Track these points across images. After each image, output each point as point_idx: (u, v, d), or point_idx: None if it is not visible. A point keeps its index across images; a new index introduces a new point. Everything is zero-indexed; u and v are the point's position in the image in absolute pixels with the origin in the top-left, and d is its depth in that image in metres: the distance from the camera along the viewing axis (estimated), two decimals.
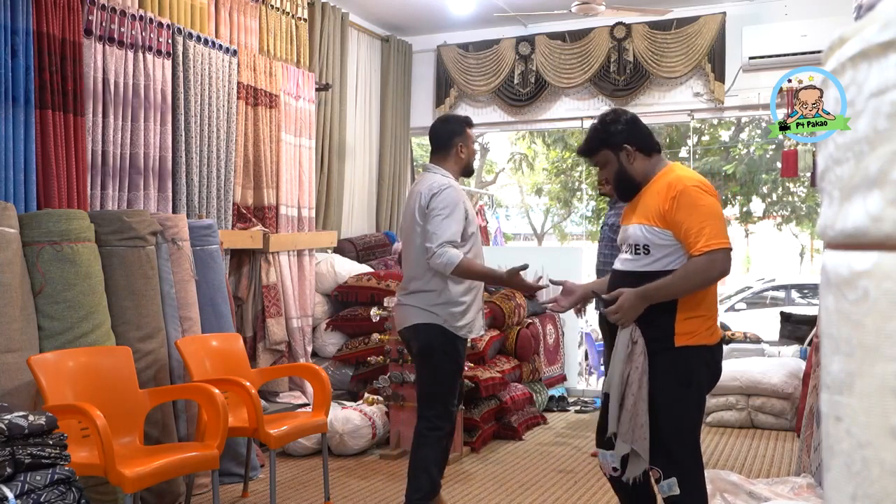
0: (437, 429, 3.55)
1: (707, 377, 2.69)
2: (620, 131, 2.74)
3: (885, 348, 0.63)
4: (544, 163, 19.95)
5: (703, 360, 2.65)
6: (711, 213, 2.53)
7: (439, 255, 3.34)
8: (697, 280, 2.54)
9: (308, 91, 5.99)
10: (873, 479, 0.64)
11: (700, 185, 2.59)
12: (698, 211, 2.53)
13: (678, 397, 2.64)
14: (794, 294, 13.48)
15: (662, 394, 2.61)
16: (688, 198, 2.55)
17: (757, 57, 6.54)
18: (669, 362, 2.62)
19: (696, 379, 2.65)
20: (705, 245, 2.50)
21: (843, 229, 0.69)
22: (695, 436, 2.71)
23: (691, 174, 2.70)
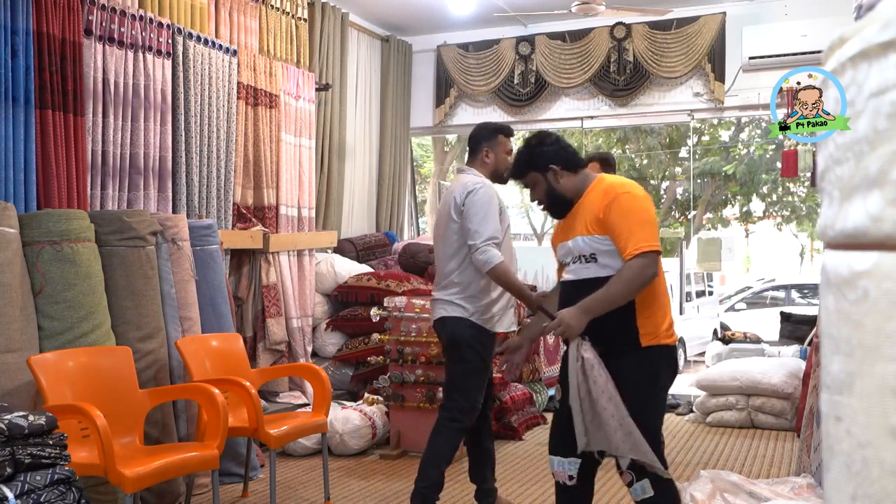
0: (456, 421, 3.61)
1: (670, 377, 2.77)
2: (545, 153, 2.87)
3: (885, 348, 0.63)
4: None
5: (667, 360, 2.72)
6: (641, 218, 2.62)
7: (482, 251, 3.45)
8: (630, 285, 2.61)
9: (308, 91, 5.99)
10: (873, 479, 0.64)
11: (631, 192, 2.68)
12: (628, 217, 2.62)
13: (646, 398, 2.68)
14: (794, 294, 13.49)
15: (632, 394, 2.62)
16: (619, 204, 2.65)
17: (757, 57, 6.54)
18: (636, 363, 2.67)
19: (662, 379, 2.74)
20: (634, 249, 2.58)
21: (843, 229, 0.69)
22: (659, 436, 2.78)
23: (622, 181, 2.81)
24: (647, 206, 2.68)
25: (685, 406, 6.44)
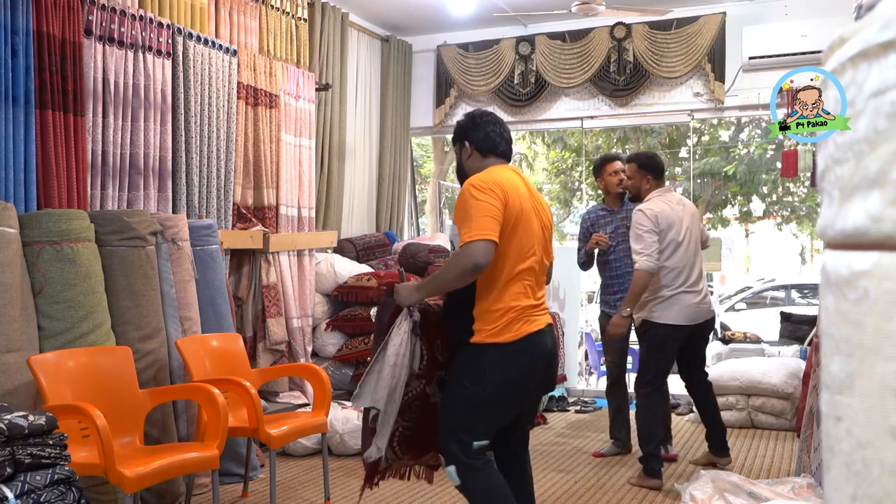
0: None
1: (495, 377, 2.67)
2: (463, 128, 2.93)
3: (885, 348, 0.63)
4: (544, 163, 19.95)
5: (494, 358, 2.66)
6: (477, 210, 2.59)
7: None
8: (452, 272, 2.61)
9: (308, 91, 5.99)
10: (873, 479, 0.64)
11: (475, 185, 2.65)
12: (466, 210, 2.62)
13: (453, 392, 2.73)
14: (794, 294, 13.48)
15: (448, 385, 2.74)
16: (461, 198, 2.67)
17: (757, 57, 6.54)
18: (458, 356, 2.76)
19: (475, 378, 2.69)
20: (463, 239, 2.58)
21: (843, 229, 0.69)
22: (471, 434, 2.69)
23: (480, 175, 2.74)
24: (487, 199, 2.60)
25: (685, 406, 6.43)
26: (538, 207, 2.81)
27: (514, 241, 2.66)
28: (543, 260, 2.80)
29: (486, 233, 2.55)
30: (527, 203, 2.72)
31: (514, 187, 2.70)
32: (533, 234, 2.72)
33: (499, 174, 2.75)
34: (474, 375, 2.70)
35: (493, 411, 2.73)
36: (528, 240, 2.70)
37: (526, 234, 2.69)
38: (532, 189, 2.85)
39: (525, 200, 2.72)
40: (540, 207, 2.83)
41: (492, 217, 2.58)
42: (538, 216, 2.78)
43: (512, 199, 2.65)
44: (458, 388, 2.73)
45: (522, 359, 2.68)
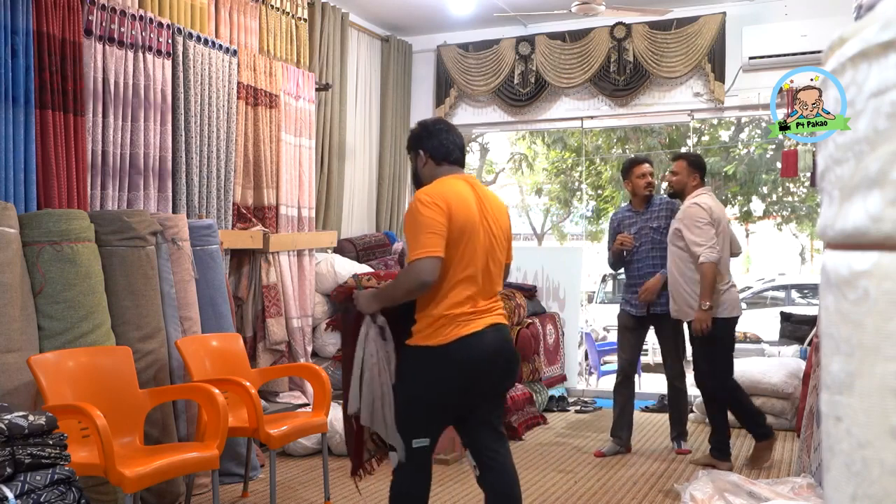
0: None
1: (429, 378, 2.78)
2: (417, 137, 3.01)
3: (885, 348, 0.63)
4: (544, 163, 19.95)
5: (424, 361, 2.77)
6: (423, 226, 2.70)
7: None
8: (400, 288, 2.77)
9: (308, 91, 5.99)
10: (873, 479, 0.64)
11: (422, 201, 2.75)
12: (413, 226, 2.74)
13: (398, 391, 2.84)
14: (795, 294, 13.48)
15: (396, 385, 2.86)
16: (409, 212, 2.78)
17: (757, 57, 6.54)
18: (402, 358, 2.87)
19: (412, 380, 2.81)
20: (410, 256, 2.72)
21: (843, 229, 0.69)
22: (407, 433, 2.81)
23: (428, 189, 2.84)
24: (431, 213, 2.71)
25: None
26: (489, 215, 2.88)
27: (456, 252, 2.76)
28: (489, 266, 2.86)
29: (431, 250, 2.67)
30: (473, 213, 2.80)
31: (459, 198, 2.79)
32: (477, 243, 2.80)
33: (447, 185, 2.85)
34: (405, 377, 2.84)
35: (425, 412, 2.83)
36: (471, 250, 2.78)
37: (469, 245, 2.77)
38: (485, 196, 2.92)
39: (472, 210, 2.80)
40: (492, 214, 2.89)
41: (435, 233, 2.70)
42: (487, 224, 2.85)
43: (456, 211, 2.75)
44: (398, 389, 2.86)
45: (453, 361, 2.75)
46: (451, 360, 2.75)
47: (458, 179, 2.90)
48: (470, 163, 20.81)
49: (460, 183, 2.88)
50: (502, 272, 2.96)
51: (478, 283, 2.81)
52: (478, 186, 2.92)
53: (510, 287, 6.68)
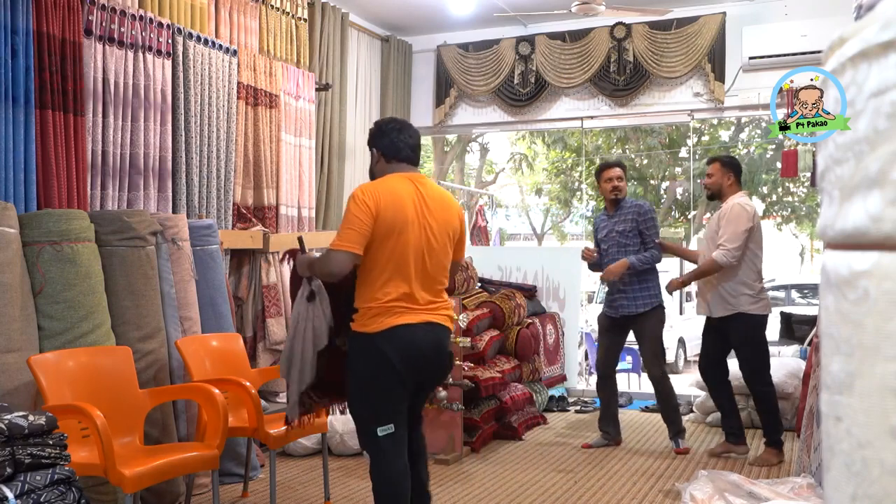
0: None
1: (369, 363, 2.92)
2: (372, 136, 3.15)
3: (885, 348, 0.63)
4: (544, 163, 19.96)
5: (362, 347, 2.94)
6: (348, 221, 2.92)
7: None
8: (318, 268, 3.05)
9: (308, 91, 5.99)
10: (873, 479, 0.64)
11: (355, 197, 2.94)
12: (343, 217, 2.98)
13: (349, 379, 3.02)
14: (795, 294, 13.47)
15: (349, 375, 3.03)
16: (346, 204, 2.99)
17: (757, 57, 6.54)
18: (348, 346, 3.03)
19: (354, 364, 2.97)
20: (331, 244, 2.96)
21: (843, 229, 0.69)
22: (364, 420, 2.97)
23: (366, 185, 3.02)
24: (356, 208, 2.90)
25: (685, 406, 6.43)
26: (430, 213, 2.99)
27: (386, 247, 2.91)
28: (426, 263, 2.97)
29: (347, 245, 2.89)
30: (407, 211, 2.93)
31: (393, 197, 2.93)
32: (409, 240, 2.92)
33: (386, 184, 3.00)
34: (350, 364, 3.01)
35: (373, 398, 2.95)
36: (402, 245, 2.92)
37: (400, 241, 2.91)
38: (429, 195, 3.02)
39: (406, 209, 2.93)
40: (434, 213, 3.00)
41: (357, 231, 2.89)
42: (426, 222, 2.97)
43: (385, 209, 2.90)
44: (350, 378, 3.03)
45: (385, 349, 2.89)
46: (383, 347, 2.90)
47: (403, 178, 3.03)
48: (470, 163, 20.82)
49: (403, 181, 3.00)
50: (445, 270, 3.07)
51: (411, 278, 2.94)
52: (424, 185, 3.03)
53: (510, 287, 6.69)
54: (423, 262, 2.96)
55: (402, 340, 2.90)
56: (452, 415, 4.99)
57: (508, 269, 7.34)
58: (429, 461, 4.82)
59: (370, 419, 2.94)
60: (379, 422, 2.92)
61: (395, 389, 2.94)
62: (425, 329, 2.95)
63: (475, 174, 20.74)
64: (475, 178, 20.52)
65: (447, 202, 3.09)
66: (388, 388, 2.94)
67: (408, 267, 2.92)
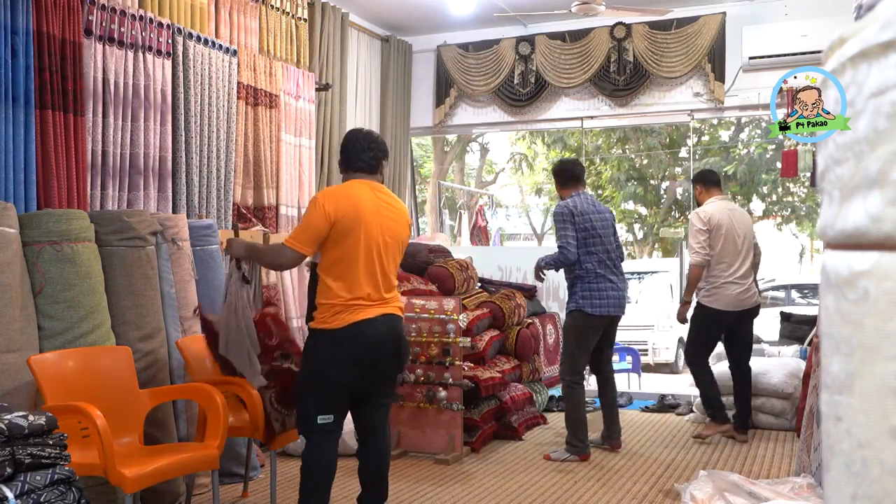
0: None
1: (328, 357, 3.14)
2: (342, 148, 3.42)
3: (885, 348, 0.63)
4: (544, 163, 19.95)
5: (324, 341, 3.14)
6: (306, 220, 3.19)
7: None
8: (267, 257, 3.47)
9: (308, 91, 5.99)
10: (873, 479, 0.64)
11: (317, 198, 3.19)
12: (303, 216, 3.27)
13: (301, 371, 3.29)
14: (795, 294, 13.47)
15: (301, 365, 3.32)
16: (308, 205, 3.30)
17: (757, 57, 6.54)
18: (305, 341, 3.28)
19: (312, 357, 3.19)
20: (286, 238, 3.22)
21: (843, 229, 0.69)
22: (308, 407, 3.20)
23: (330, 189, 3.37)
24: (314, 211, 3.16)
25: (685, 406, 6.43)
26: (386, 219, 3.25)
27: (342, 248, 3.14)
28: (383, 262, 3.22)
29: (300, 245, 3.15)
30: (365, 215, 3.17)
31: (351, 201, 3.18)
32: (364, 241, 3.16)
33: (346, 189, 3.27)
34: (306, 356, 3.25)
35: (324, 389, 3.18)
36: (356, 246, 3.15)
37: (356, 242, 3.15)
38: (385, 203, 3.28)
39: (363, 213, 3.17)
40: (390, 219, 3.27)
41: (312, 234, 3.15)
42: (384, 225, 3.23)
43: (343, 213, 3.14)
44: (301, 369, 3.31)
45: (346, 342, 3.12)
46: (346, 342, 3.12)
47: (363, 184, 3.28)
48: (470, 163, 20.82)
49: (363, 187, 3.26)
50: (396, 268, 3.36)
51: (369, 276, 3.17)
52: (381, 193, 3.30)
53: (510, 287, 6.69)
54: (381, 261, 3.22)
55: (363, 334, 3.14)
56: (452, 415, 4.99)
57: (508, 269, 7.34)
58: (426, 462, 4.82)
59: (314, 407, 3.19)
60: (322, 410, 3.18)
61: (345, 383, 3.18)
62: (383, 321, 3.20)
63: (475, 174, 20.75)
64: (475, 178, 20.52)
65: (400, 210, 3.37)
66: (340, 381, 3.17)
67: (366, 266, 3.17)
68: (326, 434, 3.21)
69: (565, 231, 4.92)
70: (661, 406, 6.56)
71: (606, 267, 4.92)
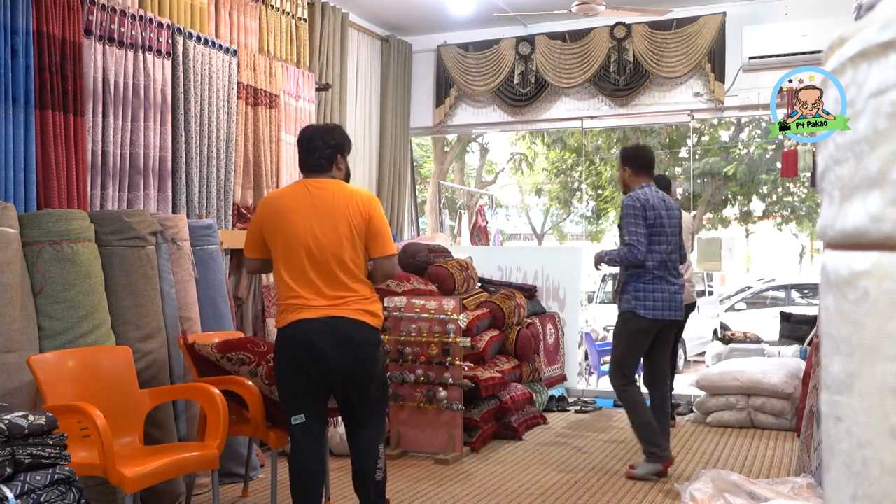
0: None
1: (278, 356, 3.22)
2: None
3: (885, 348, 0.63)
4: (544, 163, 19.96)
5: (277, 341, 3.22)
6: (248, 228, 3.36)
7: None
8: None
9: (308, 91, 5.99)
10: (873, 479, 0.64)
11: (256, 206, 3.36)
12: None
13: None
14: (795, 294, 13.48)
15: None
16: None
17: (757, 57, 6.54)
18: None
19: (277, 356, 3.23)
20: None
21: (843, 229, 0.69)
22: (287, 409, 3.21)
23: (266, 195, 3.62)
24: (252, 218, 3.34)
25: (685, 406, 6.44)
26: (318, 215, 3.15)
27: (278, 249, 3.19)
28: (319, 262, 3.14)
29: (246, 249, 3.35)
30: (294, 215, 3.15)
31: (278, 203, 3.21)
32: (294, 243, 3.14)
33: (278, 192, 3.37)
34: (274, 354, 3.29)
35: (284, 388, 3.23)
36: (291, 246, 3.15)
37: (287, 242, 3.15)
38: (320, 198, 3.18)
39: (292, 214, 3.16)
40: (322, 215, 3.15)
41: (249, 236, 3.32)
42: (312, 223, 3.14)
43: (269, 217, 3.21)
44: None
45: (289, 341, 3.16)
46: (286, 342, 3.16)
47: (297, 184, 3.31)
48: (470, 163, 20.82)
49: (294, 188, 3.28)
50: (346, 266, 3.16)
51: (300, 278, 3.14)
52: (317, 188, 3.20)
53: (510, 287, 6.69)
54: (315, 259, 3.14)
55: (297, 335, 3.13)
56: (452, 415, 4.99)
57: (508, 269, 7.34)
58: (426, 462, 4.82)
59: (285, 408, 3.23)
60: (290, 411, 3.19)
61: (299, 382, 3.17)
62: (322, 323, 3.11)
63: (475, 174, 20.74)
64: (475, 178, 20.52)
65: (338, 202, 3.18)
66: (292, 381, 3.19)
67: (301, 265, 3.14)
68: (302, 434, 3.20)
69: (636, 227, 4.44)
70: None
71: (666, 268, 4.49)
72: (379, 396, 3.30)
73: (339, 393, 3.23)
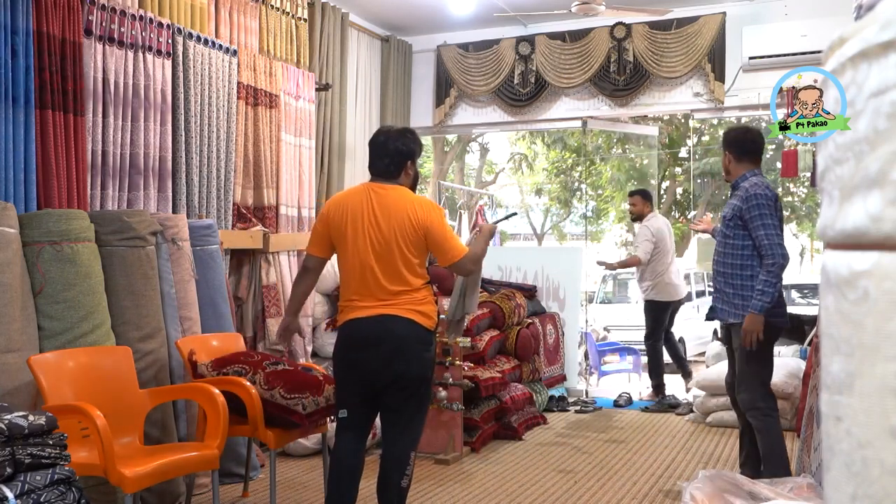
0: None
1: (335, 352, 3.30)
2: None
3: (885, 348, 0.63)
4: (544, 163, 19.96)
5: (337, 338, 3.32)
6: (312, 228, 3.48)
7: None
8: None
9: (308, 91, 5.99)
10: (873, 479, 0.64)
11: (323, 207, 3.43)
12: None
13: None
14: (794, 294, 13.47)
15: None
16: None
17: (757, 57, 6.54)
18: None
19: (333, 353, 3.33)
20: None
21: (843, 229, 0.69)
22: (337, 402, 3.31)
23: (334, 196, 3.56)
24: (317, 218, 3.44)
25: (685, 406, 6.44)
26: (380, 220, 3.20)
27: (342, 250, 3.28)
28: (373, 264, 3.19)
29: (308, 248, 3.41)
30: (354, 219, 3.23)
31: (341, 207, 3.27)
32: (353, 244, 3.22)
33: (344, 193, 3.42)
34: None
35: (336, 381, 3.33)
36: (352, 249, 3.22)
37: (350, 245, 3.23)
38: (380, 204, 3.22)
39: (354, 217, 3.23)
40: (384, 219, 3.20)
41: (313, 234, 3.38)
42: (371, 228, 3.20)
43: (334, 218, 3.27)
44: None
45: (344, 339, 3.27)
46: (341, 339, 3.27)
47: (361, 187, 3.34)
48: (470, 163, 20.83)
49: (358, 191, 3.32)
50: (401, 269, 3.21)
51: (357, 278, 3.22)
52: (378, 194, 3.24)
53: (510, 287, 6.69)
54: (372, 263, 3.20)
55: (352, 333, 3.23)
56: (452, 415, 4.99)
57: (508, 269, 7.34)
58: (426, 462, 4.82)
59: (335, 402, 3.36)
60: (340, 405, 3.28)
61: (347, 378, 3.26)
62: (372, 321, 3.18)
63: (475, 174, 20.74)
64: (475, 178, 20.52)
65: (397, 209, 3.22)
66: (342, 377, 3.28)
67: (356, 268, 3.22)
68: (342, 429, 3.27)
69: (772, 220, 3.89)
70: (661, 407, 6.56)
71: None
72: (423, 399, 3.30)
73: (383, 391, 3.22)
